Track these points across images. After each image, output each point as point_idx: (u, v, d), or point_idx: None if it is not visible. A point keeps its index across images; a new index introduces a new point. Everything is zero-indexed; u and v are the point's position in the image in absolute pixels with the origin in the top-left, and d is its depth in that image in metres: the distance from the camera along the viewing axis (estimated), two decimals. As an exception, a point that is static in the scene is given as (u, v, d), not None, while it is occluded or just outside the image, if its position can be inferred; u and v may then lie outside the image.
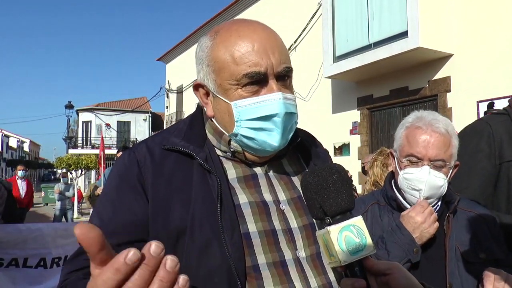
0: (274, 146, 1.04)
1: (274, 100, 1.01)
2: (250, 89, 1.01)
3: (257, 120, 1.02)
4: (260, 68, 0.99)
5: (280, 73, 1.03)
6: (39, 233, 3.97)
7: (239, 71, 1.00)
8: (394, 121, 9.85)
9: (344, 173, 0.94)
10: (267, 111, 1.01)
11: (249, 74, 0.99)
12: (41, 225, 4.26)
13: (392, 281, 0.91)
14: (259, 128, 1.03)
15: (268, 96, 1.01)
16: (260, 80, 1.01)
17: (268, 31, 1.06)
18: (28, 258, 3.88)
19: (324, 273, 1.06)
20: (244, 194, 1.06)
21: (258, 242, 1.00)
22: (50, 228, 4.18)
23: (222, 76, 1.03)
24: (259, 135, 1.03)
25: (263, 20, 1.11)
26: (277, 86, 1.02)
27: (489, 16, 7.84)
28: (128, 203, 1.03)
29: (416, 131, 1.55)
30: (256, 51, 1.00)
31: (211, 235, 0.97)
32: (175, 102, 23.21)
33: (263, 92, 1.02)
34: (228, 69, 1.01)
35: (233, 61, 1.00)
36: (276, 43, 1.04)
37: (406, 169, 1.56)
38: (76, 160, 20.84)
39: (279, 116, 1.01)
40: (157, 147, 1.08)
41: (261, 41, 1.01)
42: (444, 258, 1.49)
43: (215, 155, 1.08)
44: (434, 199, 1.54)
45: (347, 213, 0.89)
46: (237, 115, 1.03)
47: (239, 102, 1.02)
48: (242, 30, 1.03)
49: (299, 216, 1.10)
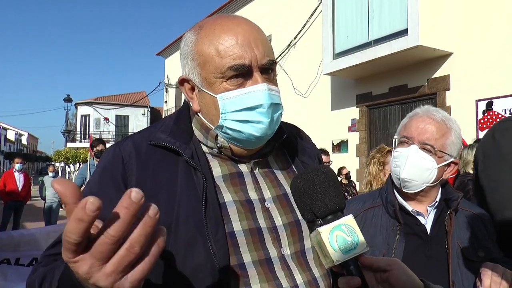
0: (260, 137, 1.05)
1: (259, 91, 1.02)
2: (235, 81, 1.02)
3: (243, 111, 1.03)
4: (244, 61, 1.00)
5: (264, 65, 1.04)
6: (32, 237, 4.00)
7: (224, 64, 1.00)
8: (393, 119, 9.87)
9: (330, 173, 0.94)
10: (252, 102, 1.02)
11: (234, 66, 1.00)
12: (33, 230, 4.30)
13: (392, 278, 0.92)
14: (244, 120, 1.03)
15: (253, 88, 1.02)
16: (244, 72, 1.02)
17: (251, 25, 1.07)
18: (20, 258, 3.92)
19: (309, 270, 1.07)
20: (229, 192, 1.06)
21: (243, 241, 1.01)
22: (42, 232, 4.20)
23: (207, 69, 1.03)
24: (245, 127, 1.03)
25: (263, 16, 1.12)
26: (262, 78, 1.03)
27: (488, 15, 7.84)
28: (109, 197, 1.02)
29: (413, 117, 1.61)
30: (240, 44, 1.01)
31: (195, 233, 0.97)
32: (174, 96, 23.21)
33: (248, 84, 1.03)
34: (212, 62, 1.02)
35: (218, 54, 1.01)
36: (259, 36, 1.06)
37: (396, 149, 1.60)
38: (74, 154, 20.85)
39: (264, 106, 1.02)
40: (144, 143, 1.07)
41: (244, 34, 1.03)
42: (447, 256, 1.50)
43: (201, 152, 1.08)
44: (419, 183, 1.53)
45: (338, 213, 0.90)
46: (223, 108, 1.03)
47: (225, 94, 1.03)
48: (226, 24, 1.04)
49: (284, 214, 1.10)
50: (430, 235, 1.54)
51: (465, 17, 8.23)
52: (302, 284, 1.03)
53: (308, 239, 1.08)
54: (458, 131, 1.59)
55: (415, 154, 1.52)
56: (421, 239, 1.55)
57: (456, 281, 1.46)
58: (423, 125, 1.55)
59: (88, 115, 36.94)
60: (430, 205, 1.59)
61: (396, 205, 1.58)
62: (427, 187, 1.55)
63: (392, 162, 1.62)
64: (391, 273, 0.92)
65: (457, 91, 8.32)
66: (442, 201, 1.60)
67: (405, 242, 1.53)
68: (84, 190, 1.10)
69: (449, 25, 8.35)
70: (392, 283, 0.92)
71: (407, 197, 1.60)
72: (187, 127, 1.12)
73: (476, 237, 1.55)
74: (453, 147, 1.55)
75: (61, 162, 19.23)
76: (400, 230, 1.55)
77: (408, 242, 1.54)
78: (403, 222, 1.56)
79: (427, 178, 1.53)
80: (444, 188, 1.63)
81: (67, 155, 20.71)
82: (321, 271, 1.08)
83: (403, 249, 1.52)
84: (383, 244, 1.54)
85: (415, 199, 1.60)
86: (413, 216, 1.57)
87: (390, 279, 0.92)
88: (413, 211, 1.56)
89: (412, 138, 1.55)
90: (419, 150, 1.52)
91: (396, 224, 1.57)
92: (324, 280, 1.07)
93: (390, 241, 1.54)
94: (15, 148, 65.09)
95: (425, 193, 1.57)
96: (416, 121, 1.57)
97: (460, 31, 8.28)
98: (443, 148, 1.53)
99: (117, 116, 36.79)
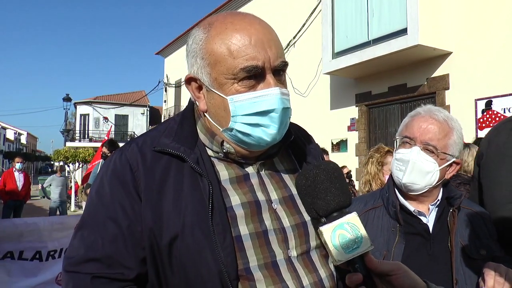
0: (269, 142, 1.03)
1: (272, 96, 0.99)
2: (247, 83, 0.99)
3: (254, 115, 1.00)
4: (258, 62, 0.97)
5: (277, 67, 1.01)
6: (35, 227, 3.99)
7: (236, 64, 0.97)
8: (392, 118, 9.86)
9: (333, 170, 0.93)
10: (265, 106, 0.99)
11: (247, 68, 0.97)
12: (37, 219, 4.28)
13: (396, 281, 0.92)
14: (255, 124, 1.00)
15: (266, 91, 0.99)
16: (257, 74, 0.98)
17: (263, 25, 1.03)
18: (23, 251, 3.90)
19: (315, 271, 1.06)
20: (237, 195, 1.04)
21: (250, 245, 1.00)
22: (46, 222, 4.20)
23: (218, 69, 1.00)
24: (255, 131, 1.01)
25: (263, 15, 1.10)
26: (274, 81, 1.00)
27: (488, 15, 7.83)
28: (122, 207, 1.01)
29: (415, 117, 1.59)
30: (254, 45, 0.98)
31: (203, 240, 0.96)
32: (173, 96, 23.15)
33: (260, 87, 0.99)
34: (224, 62, 0.98)
35: (230, 54, 0.98)
36: (272, 37, 1.03)
37: (398, 150, 1.59)
38: (74, 153, 20.75)
39: (277, 111, 0.99)
40: (148, 149, 1.05)
41: (258, 35, 0.99)
42: (450, 254, 1.50)
43: (206, 156, 1.06)
44: (421, 186, 1.53)
45: (343, 210, 0.88)
46: (234, 110, 1.00)
47: (236, 97, 0.99)
48: (237, 22, 1.01)
49: (291, 215, 1.09)
50: (432, 234, 1.54)
51: (464, 16, 8.22)
52: (309, 285, 1.03)
53: (314, 241, 1.08)
54: (460, 131, 1.58)
55: (417, 157, 1.51)
56: (423, 238, 1.55)
57: (459, 279, 1.46)
58: (426, 125, 1.53)
59: (87, 115, 36.83)
60: (432, 204, 1.59)
61: (397, 206, 1.57)
62: (429, 188, 1.55)
63: (394, 164, 1.60)
64: (394, 277, 0.92)
65: (457, 90, 8.31)
66: (444, 200, 1.60)
67: (406, 243, 1.53)
68: (91, 197, 1.07)
69: (449, 24, 8.35)
70: (396, 286, 0.92)
71: (409, 197, 1.60)
72: (192, 130, 1.10)
73: (477, 235, 1.55)
74: (455, 147, 1.55)
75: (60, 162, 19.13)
76: (400, 232, 1.55)
77: (409, 242, 1.53)
78: (404, 222, 1.56)
79: (430, 180, 1.53)
80: (445, 187, 1.63)
81: (66, 154, 20.58)
82: (326, 272, 1.08)
83: (403, 250, 1.51)
84: (383, 246, 1.54)
85: (417, 199, 1.59)
86: (415, 216, 1.57)
87: (394, 282, 0.92)
88: (415, 211, 1.56)
89: (414, 139, 1.54)
90: (421, 152, 1.51)
91: (396, 225, 1.56)
92: (329, 281, 1.07)
93: (390, 243, 1.54)
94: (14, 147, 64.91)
95: (427, 193, 1.57)
96: (418, 121, 1.56)
97: (460, 31, 8.27)
98: (446, 149, 1.53)
99: (116, 116, 36.68)
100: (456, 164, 1.58)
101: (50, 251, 4.08)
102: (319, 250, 1.09)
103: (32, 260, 3.95)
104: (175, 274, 0.97)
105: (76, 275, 0.98)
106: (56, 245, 4.12)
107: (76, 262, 0.99)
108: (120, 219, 1.00)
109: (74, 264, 1.00)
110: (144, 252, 0.99)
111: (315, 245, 1.09)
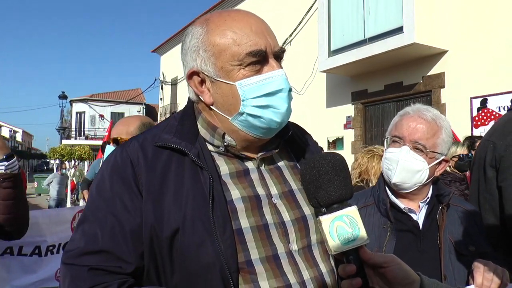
0: (279, 123, 1.07)
1: (278, 77, 1.04)
2: (253, 68, 1.03)
3: (264, 96, 1.03)
4: (261, 47, 1.03)
5: (277, 52, 1.07)
6: (34, 220, 3.96)
7: (241, 51, 1.02)
8: (388, 116, 9.88)
9: (338, 162, 0.94)
10: (273, 87, 1.04)
11: (252, 52, 1.02)
12: (36, 213, 4.25)
13: (389, 274, 0.93)
14: (265, 106, 1.04)
15: (272, 73, 1.04)
16: (261, 58, 1.04)
17: (258, 17, 1.10)
18: (23, 246, 3.88)
19: (315, 265, 1.08)
20: (237, 189, 1.06)
21: (251, 238, 1.01)
22: (44, 216, 4.21)
23: (223, 58, 1.03)
24: (265, 112, 1.04)
25: (259, 13, 1.13)
26: (277, 63, 1.06)
27: (484, 13, 7.86)
28: (123, 203, 1.02)
29: (404, 116, 1.62)
30: (255, 32, 1.04)
31: (203, 232, 0.97)
32: (170, 94, 23.10)
33: (264, 70, 1.05)
34: (229, 50, 1.03)
35: (234, 42, 1.02)
36: (268, 27, 1.09)
37: (388, 149, 1.62)
38: (70, 151, 20.71)
39: (285, 91, 1.05)
40: (149, 145, 1.07)
41: (256, 24, 1.06)
42: (439, 250, 1.52)
43: (207, 151, 1.08)
44: (411, 184, 1.55)
45: (344, 202, 0.90)
46: (243, 94, 1.04)
47: (244, 81, 1.03)
48: (234, 15, 1.07)
49: (291, 209, 1.10)
50: (422, 230, 1.57)
51: (460, 15, 8.25)
52: (309, 280, 1.04)
53: (315, 235, 1.10)
54: (449, 128, 1.61)
55: (406, 156, 1.53)
56: (414, 234, 1.57)
57: (448, 275, 1.48)
58: (414, 125, 1.56)
59: (83, 112, 36.78)
60: (422, 201, 1.61)
61: (387, 204, 1.59)
62: (419, 186, 1.57)
63: (384, 163, 1.63)
64: (387, 269, 0.93)
65: (452, 88, 8.34)
66: (434, 197, 1.62)
67: (397, 239, 1.55)
68: (92, 192, 1.08)
69: (444, 23, 8.37)
70: (389, 279, 0.93)
71: (399, 194, 1.63)
72: (192, 126, 1.12)
73: (467, 232, 1.57)
74: (444, 146, 1.57)
75: (56, 159, 19.11)
76: (391, 229, 1.57)
77: (400, 239, 1.56)
78: (395, 219, 1.58)
79: (419, 179, 1.55)
80: (435, 184, 1.65)
81: (62, 152, 20.54)
82: (327, 267, 1.09)
83: (394, 247, 1.53)
84: (375, 243, 1.56)
85: (407, 197, 1.62)
86: (405, 213, 1.59)
87: (387, 275, 0.93)
88: (405, 209, 1.58)
89: (403, 138, 1.56)
90: (410, 151, 1.54)
91: (387, 222, 1.59)
92: (330, 276, 1.08)
93: (381, 240, 1.56)
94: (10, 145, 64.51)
95: (417, 191, 1.60)
96: (407, 121, 1.59)
97: (455, 29, 8.30)
98: (434, 148, 1.55)
99: (112, 113, 36.62)
100: (445, 162, 1.61)
101: (49, 246, 4.08)
102: (321, 245, 1.10)
103: (32, 255, 3.94)
104: (175, 267, 0.98)
105: (74, 267, 1.00)
106: (54, 239, 4.12)
107: (75, 255, 1.01)
108: (120, 214, 1.01)
109: (73, 257, 1.01)
110: (143, 247, 1.01)
111: (316, 240, 1.10)
